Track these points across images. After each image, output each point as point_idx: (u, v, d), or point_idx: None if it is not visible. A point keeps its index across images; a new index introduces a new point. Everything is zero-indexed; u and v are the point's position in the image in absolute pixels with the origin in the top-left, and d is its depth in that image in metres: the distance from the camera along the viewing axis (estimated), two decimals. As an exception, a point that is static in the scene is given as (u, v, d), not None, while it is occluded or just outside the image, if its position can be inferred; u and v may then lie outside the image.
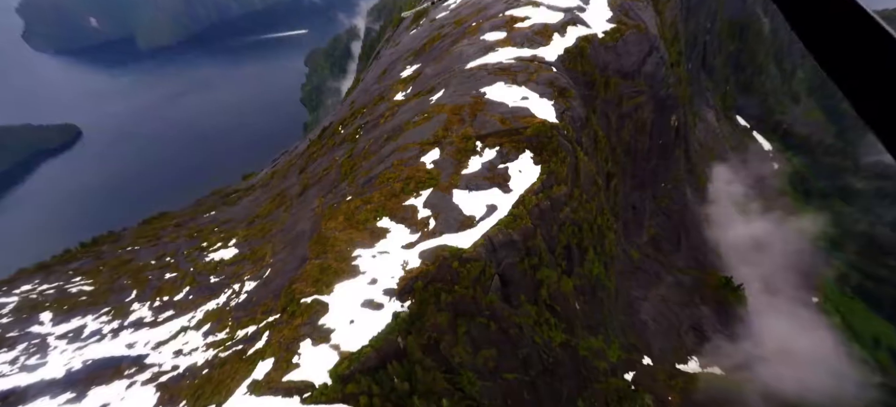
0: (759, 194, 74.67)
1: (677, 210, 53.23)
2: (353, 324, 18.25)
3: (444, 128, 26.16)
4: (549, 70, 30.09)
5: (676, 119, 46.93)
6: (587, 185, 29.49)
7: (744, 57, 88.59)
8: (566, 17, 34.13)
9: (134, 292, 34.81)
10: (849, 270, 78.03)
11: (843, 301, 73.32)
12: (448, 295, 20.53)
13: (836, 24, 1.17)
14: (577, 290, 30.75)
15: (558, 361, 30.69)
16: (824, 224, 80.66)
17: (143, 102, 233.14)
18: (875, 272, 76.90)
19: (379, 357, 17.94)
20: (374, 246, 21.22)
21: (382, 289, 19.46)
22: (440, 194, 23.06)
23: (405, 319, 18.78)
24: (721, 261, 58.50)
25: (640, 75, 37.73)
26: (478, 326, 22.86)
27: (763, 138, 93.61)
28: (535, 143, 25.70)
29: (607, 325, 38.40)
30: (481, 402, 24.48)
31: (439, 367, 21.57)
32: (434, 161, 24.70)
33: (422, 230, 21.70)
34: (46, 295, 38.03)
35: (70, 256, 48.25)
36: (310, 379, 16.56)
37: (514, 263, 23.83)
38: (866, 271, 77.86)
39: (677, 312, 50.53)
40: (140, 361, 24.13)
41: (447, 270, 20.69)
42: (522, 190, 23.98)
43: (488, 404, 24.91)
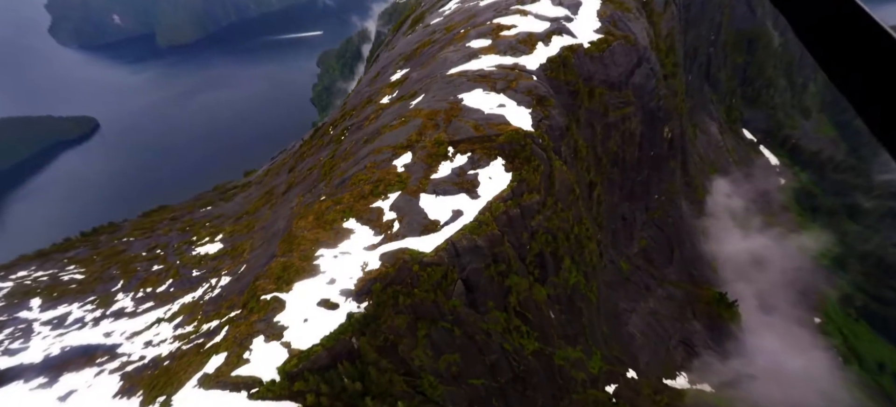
0: (762, 209, 73.42)
1: (671, 222, 52.64)
2: (306, 322, 18.57)
3: (418, 132, 26.46)
4: (529, 78, 30.20)
5: (670, 131, 46.52)
6: (563, 194, 29.46)
7: (752, 70, 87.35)
8: (552, 27, 34.22)
9: (121, 282, 35.71)
10: (854, 290, 76.15)
11: (846, 323, 71.53)
12: (407, 298, 20.73)
13: (840, 27, 1.18)
14: (551, 298, 30.67)
15: (531, 369, 30.63)
16: (830, 242, 78.92)
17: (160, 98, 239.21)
18: (882, 294, 74.90)
19: (330, 356, 18.20)
20: (338, 246, 21.56)
21: (340, 289, 19.76)
22: (407, 198, 23.32)
23: (359, 320, 19.03)
24: (716, 276, 57.65)
25: (627, 86, 37.57)
26: (440, 331, 23.00)
27: (770, 153, 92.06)
28: (508, 151, 25.82)
29: (588, 336, 38.14)
30: (444, 406, 24.61)
31: (397, 369, 21.76)
32: (405, 165, 24.99)
33: (385, 232, 21.98)
34: (40, 281, 39.20)
35: (69, 245, 49.64)
36: (258, 375, 16.90)
37: (479, 269, 23.94)
38: (872, 293, 75.88)
39: (667, 325, 49.92)
40: (113, 350, 24.79)
41: (407, 273, 20.89)
42: (491, 196, 24.10)
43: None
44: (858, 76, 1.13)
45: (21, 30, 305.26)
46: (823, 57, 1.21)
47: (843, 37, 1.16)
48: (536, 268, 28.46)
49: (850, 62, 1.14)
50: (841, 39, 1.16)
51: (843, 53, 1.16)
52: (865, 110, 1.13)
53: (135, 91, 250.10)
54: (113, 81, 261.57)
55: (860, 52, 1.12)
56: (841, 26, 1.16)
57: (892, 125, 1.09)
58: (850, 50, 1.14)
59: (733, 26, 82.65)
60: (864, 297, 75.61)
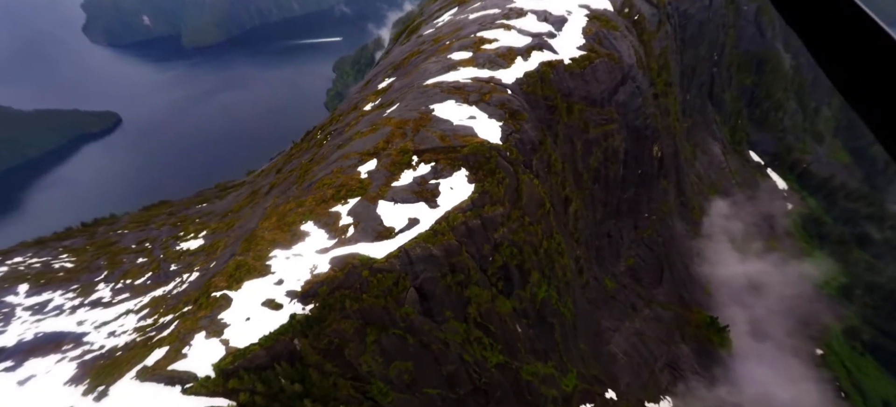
0: (764, 233, 71.65)
1: (661, 242, 51.85)
2: (248, 321, 18.98)
3: (385, 140, 26.88)
4: (503, 92, 30.43)
5: (659, 149, 46.07)
6: (531, 207, 29.45)
7: (760, 91, 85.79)
8: (533, 42, 34.46)
9: (105, 273, 36.84)
10: (861, 323, 73.43)
11: (850, 356, 68.91)
12: (354, 303, 20.98)
13: (840, 27, 1.18)
14: (517, 312, 30.54)
15: (494, 382, 30.47)
16: (836, 272, 76.47)
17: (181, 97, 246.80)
18: (891, 329, 72.06)
19: (269, 356, 18.54)
20: (291, 248, 22.00)
21: (286, 290, 20.15)
22: (366, 204, 23.69)
23: (302, 322, 19.35)
24: (709, 299, 56.39)
25: (610, 104, 37.47)
26: (391, 337, 23.15)
27: (778, 176, 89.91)
28: (472, 162, 26.02)
29: (563, 352, 37.75)
30: (396, 413, 24.65)
31: (344, 373, 21.97)
32: (369, 171, 25.40)
33: (340, 237, 22.34)
34: (32, 268, 40.68)
35: (67, 234, 51.38)
36: (194, 370, 17.32)
37: (435, 278, 24.07)
38: (881, 327, 73.09)
39: (653, 347, 49.00)
40: (80, 339, 25.62)
41: (356, 278, 21.18)
42: (450, 207, 24.30)
43: (405, 416, 25.05)
44: (858, 76, 1.14)
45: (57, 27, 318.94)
46: (823, 57, 1.22)
47: (844, 37, 1.17)
48: (500, 280, 28.43)
49: (849, 62, 1.15)
50: (841, 39, 1.17)
51: (844, 53, 1.17)
52: (865, 110, 1.14)
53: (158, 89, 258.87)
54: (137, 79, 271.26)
55: (860, 52, 1.13)
56: (841, 26, 1.17)
57: (892, 125, 1.10)
58: (850, 50, 1.15)
59: (741, 47, 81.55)
60: (872, 330, 72.84)
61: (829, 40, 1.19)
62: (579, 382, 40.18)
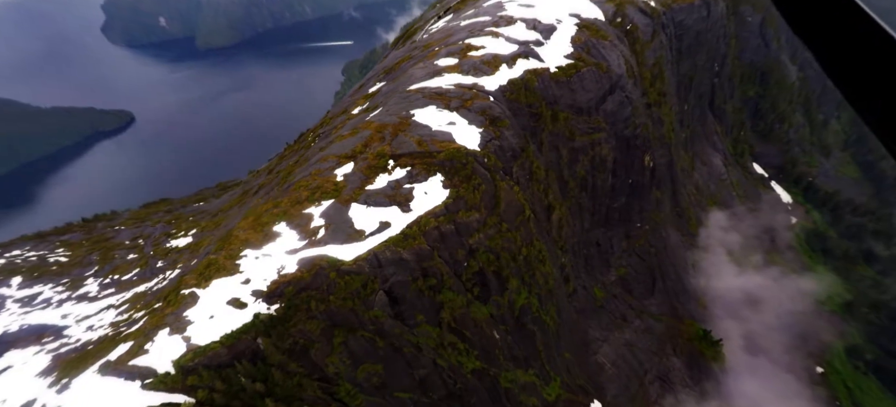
0: (764, 246, 70.50)
1: (654, 252, 51.36)
2: (212, 319, 19.30)
3: (364, 144, 27.19)
4: (485, 99, 30.59)
5: (652, 160, 45.77)
6: (510, 214, 29.48)
7: (764, 103, 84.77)
8: (520, 50, 34.60)
9: (95, 268, 37.61)
10: (865, 343, 71.73)
11: (852, 376, 67.28)
12: (321, 304, 21.21)
13: (839, 26, 1.19)
14: (495, 318, 30.50)
15: (470, 388, 30.43)
16: (840, 288, 74.91)
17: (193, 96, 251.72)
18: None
19: (230, 354, 18.82)
20: (262, 248, 22.34)
21: (252, 289, 20.45)
22: (339, 206, 23.96)
23: (265, 321, 19.62)
24: (703, 311, 55.61)
25: (597, 112, 37.40)
26: (359, 339, 23.31)
27: (782, 189, 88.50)
28: (448, 168, 26.18)
29: (545, 360, 37.53)
30: (366, 415, 24.76)
31: (311, 374, 22.16)
32: (345, 174, 25.69)
33: (310, 238, 22.62)
34: (28, 261, 41.68)
35: (66, 229, 52.53)
36: (154, 366, 17.66)
37: (405, 282, 24.20)
38: (886, 347, 71.30)
39: (643, 359, 48.45)
40: (60, 332, 26.21)
41: (323, 280, 21.42)
42: (422, 211, 24.45)
43: (375, 420, 25.14)
44: (858, 74, 1.14)
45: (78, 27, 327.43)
46: (824, 56, 1.22)
47: (844, 36, 1.17)
48: (476, 286, 28.45)
49: (849, 60, 1.16)
50: (841, 38, 1.18)
51: (843, 51, 1.17)
52: (864, 108, 1.14)
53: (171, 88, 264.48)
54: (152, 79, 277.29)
55: (860, 50, 1.14)
56: (840, 25, 1.18)
57: (891, 124, 1.10)
58: (849, 48, 1.16)
59: (745, 58, 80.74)
60: (876, 350, 71.08)
61: (830, 38, 1.20)
62: (563, 391, 39.87)
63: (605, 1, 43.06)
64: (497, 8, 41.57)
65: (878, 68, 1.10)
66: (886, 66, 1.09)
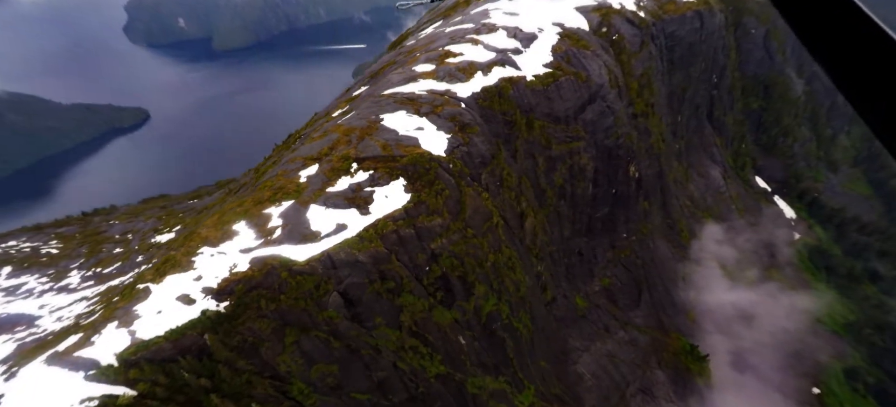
0: (763, 262, 69.04)
1: (640, 264, 50.79)
2: (159, 314, 19.81)
3: (330, 146, 27.63)
4: (456, 105, 30.83)
5: (637, 170, 45.39)
6: (477, 221, 29.58)
7: (767, 116, 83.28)
8: (497, 58, 34.78)
9: (81, 261, 38.72)
10: (868, 365, 69.56)
11: (851, 399, 65.24)
12: (271, 303, 21.59)
13: (839, 26, 1.19)
14: (460, 324, 30.54)
15: (433, 392, 30.50)
16: (843, 308, 72.93)
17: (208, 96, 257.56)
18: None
19: (175, 349, 19.29)
20: (218, 246, 22.85)
21: (202, 286, 20.93)
22: (298, 207, 24.39)
23: (212, 318, 20.06)
24: (692, 325, 54.68)
25: (576, 121, 37.32)
26: (312, 340, 23.63)
27: (786, 204, 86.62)
28: (411, 172, 26.44)
29: (518, 368, 37.39)
30: (320, 415, 25.03)
31: (261, 372, 22.54)
32: (309, 176, 26.14)
33: (266, 238, 23.07)
34: (22, 252, 43.07)
35: (63, 222, 54.12)
36: (98, 358, 18.20)
37: (362, 284, 24.47)
38: (890, 371, 69.09)
39: (625, 371, 47.85)
40: (32, 322, 27.10)
41: (274, 279, 21.81)
42: (381, 214, 24.74)
43: (330, 420, 25.40)
44: (858, 75, 1.15)
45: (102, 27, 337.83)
46: (823, 57, 1.23)
47: (843, 36, 1.18)
48: (439, 290, 28.56)
49: (850, 61, 1.16)
50: (840, 38, 1.18)
51: (843, 52, 1.18)
52: (866, 110, 1.14)
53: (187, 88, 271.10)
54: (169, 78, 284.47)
55: (860, 51, 1.14)
56: (840, 25, 1.19)
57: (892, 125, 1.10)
58: (849, 49, 1.16)
59: (748, 70, 79.59)
60: (879, 372, 68.88)
61: (828, 38, 1.21)
62: (537, 399, 39.60)
63: (590, 11, 43.00)
64: (482, 15, 41.85)
65: (881, 70, 1.11)
66: (888, 68, 1.10)
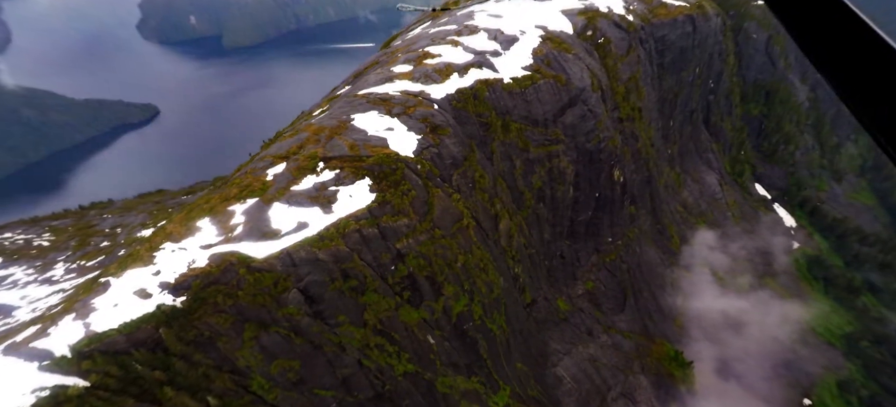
0: (758, 270, 68.14)
1: (626, 268, 50.51)
2: (115, 307, 20.27)
3: (299, 145, 27.98)
4: (429, 106, 31.00)
5: (622, 174, 45.15)
6: (446, 222, 29.72)
7: (768, 123, 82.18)
8: (474, 60, 34.88)
9: (68, 253, 39.57)
10: (864, 378, 68.28)
11: (846, 411, 64.22)
12: (228, 299, 21.96)
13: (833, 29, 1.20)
14: (429, 323, 30.69)
15: (401, 390, 30.71)
16: (840, 319, 71.73)
17: (216, 93, 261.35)
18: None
19: (128, 342, 19.73)
20: (181, 241, 23.29)
21: (160, 281, 21.37)
22: (261, 204, 24.76)
23: (167, 312, 20.47)
24: (679, 331, 54.23)
25: (555, 125, 37.27)
26: (272, 335, 23.97)
27: (786, 212, 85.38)
28: (376, 172, 26.68)
29: (493, 369, 37.46)
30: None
31: (220, 366, 22.92)
32: (276, 174, 26.50)
33: (227, 234, 23.46)
34: (15, 243, 44.14)
35: (61, 215, 55.29)
36: (53, 349, 18.70)
37: (323, 282, 24.75)
38: (886, 384, 67.78)
39: (607, 375, 47.63)
40: (9, 312, 27.84)
41: (232, 275, 22.18)
42: (344, 214, 25.01)
43: (292, 415, 25.74)
44: (858, 81, 1.15)
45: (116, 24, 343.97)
46: (823, 63, 1.23)
47: (841, 42, 1.18)
48: (406, 290, 28.74)
49: (848, 67, 1.16)
50: (838, 45, 1.19)
51: (841, 58, 1.18)
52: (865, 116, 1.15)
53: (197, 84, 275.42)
54: (179, 75, 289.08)
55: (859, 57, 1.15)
56: (838, 31, 1.19)
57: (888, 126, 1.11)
58: (848, 55, 1.17)
59: (749, 76, 78.65)
60: (875, 386, 67.57)
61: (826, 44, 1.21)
62: (513, 401, 39.60)
63: (576, 14, 42.89)
64: (467, 17, 41.98)
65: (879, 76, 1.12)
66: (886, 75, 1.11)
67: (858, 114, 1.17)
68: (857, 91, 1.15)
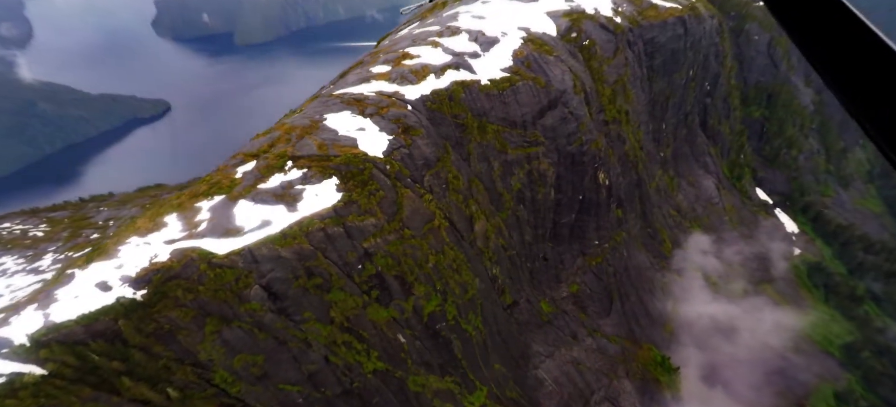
0: (755, 276, 67.08)
1: (612, 272, 50.14)
2: (76, 298, 20.91)
3: (270, 143, 28.43)
4: (403, 107, 31.20)
5: (607, 177, 44.84)
6: (416, 222, 29.92)
7: (770, 127, 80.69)
8: (452, 61, 34.98)
9: (59, 244, 40.68)
10: (863, 390, 66.82)
11: (841, 422, 62.93)
12: (189, 293, 22.47)
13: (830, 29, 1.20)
14: (398, 322, 30.93)
15: (371, 388, 31.04)
16: (841, 328, 70.29)
17: (226, 89, 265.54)
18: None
19: (87, 333, 20.33)
20: (146, 236, 23.88)
21: (121, 274, 21.95)
22: (227, 201, 25.23)
23: (126, 305, 21.04)
24: (667, 336, 53.66)
25: (535, 127, 37.19)
26: (235, 330, 24.44)
27: (788, 218, 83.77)
28: (343, 172, 26.99)
29: (469, 369, 37.60)
30: (247, 401, 25.95)
31: (182, 359, 23.46)
32: (245, 172, 26.97)
33: (191, 230, 23.98)
34: (12, 233, 45.51)
35: (60, 207, 56.79)
36: (11, 337, 19.38)
37: (286, 279, 25.15)
38: (887, 397, 66.19)
39: (590, 379, 47.41)
40: (-9, 298, 28.77)
41: (193, 270, 22.69)
42: (308, 213, 25.36)
43: (257, 405, 26.29)
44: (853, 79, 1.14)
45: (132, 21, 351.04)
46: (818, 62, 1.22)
47: (841, 43, 1.18)
48: (374, 288, 29.02)
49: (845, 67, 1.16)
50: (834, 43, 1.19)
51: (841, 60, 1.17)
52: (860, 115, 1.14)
53: (208, 80, 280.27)
54: (191, 71, 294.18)
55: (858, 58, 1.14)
56: (837, 32, 1.19)
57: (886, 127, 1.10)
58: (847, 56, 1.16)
59: (751, 78, 77.37)
60: (874, 398, 66.05)
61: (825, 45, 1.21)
62: (490, 401, 39.68)
63: (561, 15, 42.69)
64: (451, 18, 42.08)
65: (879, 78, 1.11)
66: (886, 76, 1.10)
67: (857, 116, 1.16)
68: (856, 94, 1.14)
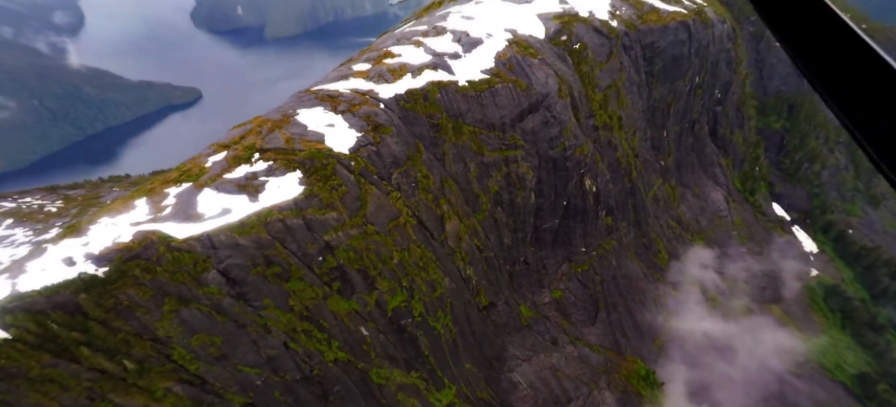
0: (759, 295, 64.43)
1: (599, 280, 49.35)
2: (43, 271, 22.52)
3: (242, 136, 29.56)
4: (375, 105, 31.78)
5: (594, 184, 44.15)
6: (380, 219, 30.48)
7: (791, 139, 77.11)
8: (431, 61, 35.26)
9: (66, 219, 43.42)
10: (875, 422, 63.29)
11: (846, 454, 59.87)
12: (147, 273, 23.80)
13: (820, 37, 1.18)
14: (361, 315, 31.60)
15: (331, 376, 31.90)
16: (856, 357, 66.78)
17: (254, 80, 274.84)
18: (911, 435, 61.39)
19: (49, 304, 21.89)
20: (115, 218, 25.38)
21: (86, 251, 23.47)
22: (192, 189, 26.47)
23: (87, 280, 22.52)
24: (656, 350, 52.36)
25: (514, 130, 37.06)
26: (193, 311, 25.67)
27: (806, 236, 79.91)
28: (307, 166, 27.81)
29: (437, 366, 37.98)
30: (206, 379, 27.24)
31: (141, 334, 24.86)
32: (215, 161, 28.20)
33: (155, 214, 25.33)
34: (30, 207, 48.80)
35: (80, 185, 60.36)
36: (-18, 301, 21.12)
37: (244, 266, 26.19)
38: (902, 431, 62.49)
39: (568, 386, 46.94)
40: (-12, 266, 31.14)
41: (152, 252, 24.00)
42: (268, 204, 26.32)
43: (216, 384, 27.56)
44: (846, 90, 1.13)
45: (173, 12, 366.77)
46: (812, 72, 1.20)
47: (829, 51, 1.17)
48: (335, 281, 29.77)
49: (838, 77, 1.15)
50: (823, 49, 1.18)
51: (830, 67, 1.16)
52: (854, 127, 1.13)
53: (236, 71, 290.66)
54: (223, 61, 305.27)
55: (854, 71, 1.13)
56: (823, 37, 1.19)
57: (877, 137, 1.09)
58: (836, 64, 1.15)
59: (771, 87, 74.17)
60: (887, 432, 62.53)
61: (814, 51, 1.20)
62: (459, 400, 39.97)
63: (551, 18, 42.24)
64: (440, 18, 42.34)
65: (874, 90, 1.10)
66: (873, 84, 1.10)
67: (849, 126, 1.16)
68: (848, 102, 1.14)
